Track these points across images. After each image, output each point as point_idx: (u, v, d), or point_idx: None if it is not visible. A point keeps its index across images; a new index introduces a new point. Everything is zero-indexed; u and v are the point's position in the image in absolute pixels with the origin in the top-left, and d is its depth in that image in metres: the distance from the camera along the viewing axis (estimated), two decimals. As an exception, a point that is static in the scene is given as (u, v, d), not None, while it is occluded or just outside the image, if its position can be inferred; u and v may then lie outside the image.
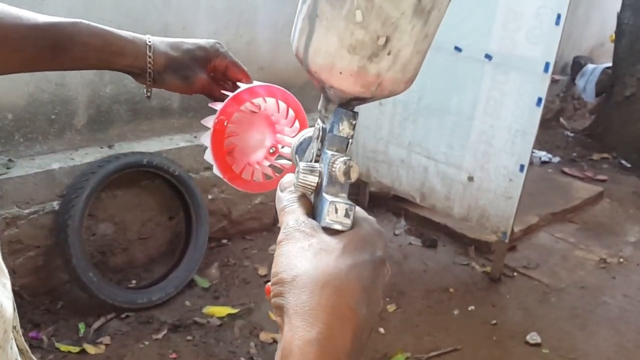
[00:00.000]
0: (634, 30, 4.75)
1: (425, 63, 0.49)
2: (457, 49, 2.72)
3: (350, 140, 0.48)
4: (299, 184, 0.48)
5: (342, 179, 0.46)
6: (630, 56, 4.78)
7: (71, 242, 2.20)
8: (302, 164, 0.48)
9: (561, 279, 2.97)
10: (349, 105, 0.48)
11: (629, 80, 4.78)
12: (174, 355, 2.15)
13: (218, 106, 0.73)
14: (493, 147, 2.73)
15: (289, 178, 0.51)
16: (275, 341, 2.26)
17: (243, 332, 2.30)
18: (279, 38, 2.85)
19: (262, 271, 2.69)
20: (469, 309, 2.64)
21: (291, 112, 0.76)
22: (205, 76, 0.80)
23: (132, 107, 2.51)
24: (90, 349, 2.12)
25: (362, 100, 0.47)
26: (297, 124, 0.76)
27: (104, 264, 2.50)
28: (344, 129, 0.48)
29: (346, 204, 0.45)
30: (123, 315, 2.31)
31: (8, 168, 2.18)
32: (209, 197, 2.73)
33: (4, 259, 0.51)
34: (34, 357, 0.57)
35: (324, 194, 0.46)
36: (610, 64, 5.08)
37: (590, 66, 5.13)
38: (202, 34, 2.57)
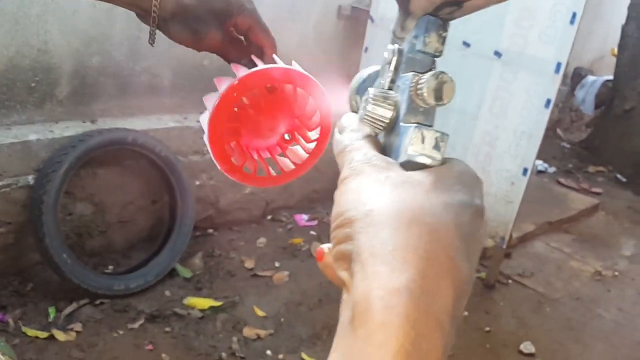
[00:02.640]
0: (638, 43, 4.70)
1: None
2: (466, 44, 2.61)
3: (436, 60, 0.36)
4: (366, 117, 0.36)
5: (430, 99, 0.34)
6: (632, 69, 4.73)
7: (45, 220, 2.05)
8: (372, 90, 0.35)
9: (556, 289, 2.89)
10: (436, 16, 0.37)
11: (630, 93, 4.73)
12: (150, 347, 2.01)
13: (222, 85, 0.59)
14: (496, 149, 2.62)
15: (349, 117, 0.38)
16: (259, 337, 2.13)
17: (225, 326, 2.17)
18: (280, 21, 2.69)
19: (248, 264, 2.56)
20: (462, 315, 2.53)
21: (312, 101, 0.62)
22: (220, 33, 0.66)
23: (119, 82, 2.37)
24: (60, 336, 1.97)
25: (456, 4, 0.35)
26: (317, 116, 0.62)
27: (79, 247, 2.35)
28: (431, 42, 0.36)
29: (437, 131, 0.34)
30: (97, 302, 2.16)
31: (-19, 136, 2.03)
32: (197, 182, 2.59)
33: None
34: None
35: (402, 124, 0.34)
36: (610, 77, 5.03)
37: (590, 78, 5.07)
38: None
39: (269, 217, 2.97)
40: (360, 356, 0.28)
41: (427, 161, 0.34)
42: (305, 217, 3.01)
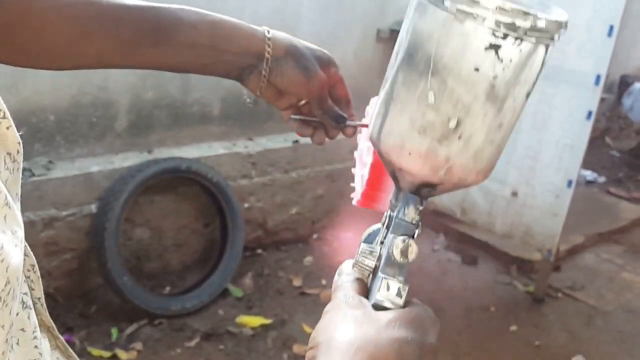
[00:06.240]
0: (686, 47, 4.58)
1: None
2: (504, 60, 2.64)
3: (416, 229, 0.48)
4: (356, 264, 0.48)
5: (399, 257, 0.46)
6: (681, 74, 4.60)
7: (107, 246, 2.19)
8: (362, 246, 0.49)
9: (607, 302, 2.84)
10: (418, 193, 0.48)
11: (680, 99, 4.60)
12: (206, 365, 2.11)
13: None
14: (539, 162, 2.63)
15: (347, 264, 0.51)
16: (309, 354, 2.20)
17: (276, 343, 2.25)
18: (321, 46, 2.80)
19: (296, 282, 2.64)
20: (511, 329, 2.54)
21: None
22: (325, 76, 0.69)
23: (172, 113, 2.51)
24: (122, 355, 2.10)
25: (431, 186, 0.47)
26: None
27: (138, 269, 2.48)
28: (409, 213, 0.47)
29: (399, 282, 0.45)
30: (156, 322, 2.28)
31: (48, 169, 2.19)
32: (245, 205, 2.70)
33: (39, 260, 0.48)
34: (60, 336, 0.54)
35: (379, 273, 0.46)
36: (659, 83, 4.90)
37: (637, 85, 4.96)
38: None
39: (315, 236, 3.04)
40: None
41: (389, 305, 0.44)
42: (350, 235, 3.07)
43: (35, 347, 0.45)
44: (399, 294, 0.44)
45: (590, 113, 2.46)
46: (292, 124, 0.74)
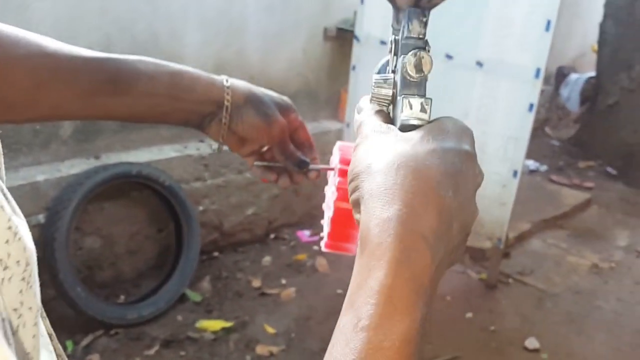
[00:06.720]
0: (616, 39, 4.82)
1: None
2: (448, 56, 2.71)
3: (426, 45, 0.44)
4: (373, 97, 0.46)
5: (413, 73, 0.43)
6: (612, 65, 4.83)
7: (58, 257, 2.13)
8: (374, 76, 0.46)
9: (556, 285, 2.97)
10: (418, 5, 0.45)
11: (612, 88, 4.83)
12: (167, 372, 2.08)
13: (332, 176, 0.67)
14: (486, 154, 2.71)
15: (365, 99, 0.49)
16: (272, 354, 2.20)
17: (238, 345, 2.23)
18: (269, 47, 2.81)
19: (255, 283, 2.63)
20: (467, 316, 2.61)
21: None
22: (285, 122, 0.71)
23: (119, 117, 2.45)
24: (79, 367, 2.04)
25: None
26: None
27: (91, 279, 2.42)
28: (414, 28, 0.44)
29: (421, 97, 0.43)
30: (112, 332, 2.23)
31: (-9, 180, 2.10)
32: (200, 208, 2.67)
33: None
34: (59, 345, 0.53)
35: (398, 97, 0.44)
36: (593, 74, 5.14)
37: (573, 76, 5.18)
38: (191, 43, 2.52)
39: (272, 235, 3.04)
40: (366, 268, 0.38)
41: (417, 122, 0.43)
42: (307, 233, 3.08)
43: (50, 352, 0.45)
44: (423, 110, 0.43)
45: (531, 105, 2.54)
46: (256, 170, 0.74)
